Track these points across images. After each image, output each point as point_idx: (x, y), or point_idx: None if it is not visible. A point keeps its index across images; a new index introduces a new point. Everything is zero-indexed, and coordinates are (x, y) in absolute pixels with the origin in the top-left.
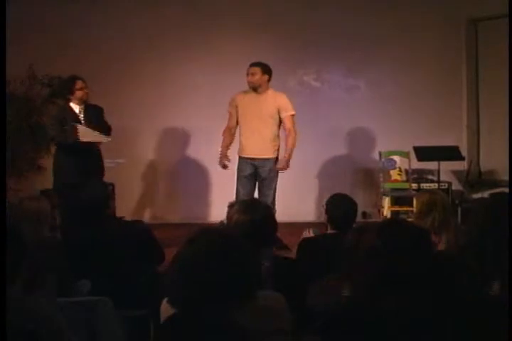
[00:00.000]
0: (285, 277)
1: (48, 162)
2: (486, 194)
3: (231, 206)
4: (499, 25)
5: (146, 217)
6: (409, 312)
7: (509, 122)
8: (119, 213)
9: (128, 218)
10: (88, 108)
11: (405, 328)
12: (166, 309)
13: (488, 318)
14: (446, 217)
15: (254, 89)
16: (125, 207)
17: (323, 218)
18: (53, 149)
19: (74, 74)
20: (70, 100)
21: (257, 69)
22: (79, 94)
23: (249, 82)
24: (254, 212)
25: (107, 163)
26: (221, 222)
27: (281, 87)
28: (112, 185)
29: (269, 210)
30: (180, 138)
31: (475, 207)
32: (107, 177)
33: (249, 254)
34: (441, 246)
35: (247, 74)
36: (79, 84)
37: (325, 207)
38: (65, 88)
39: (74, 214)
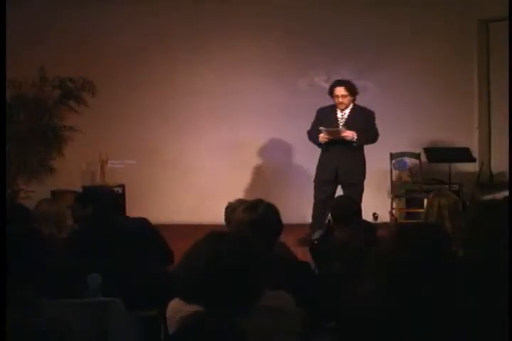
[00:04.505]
0: (296, 278)
1: (59, 163)
2: (497, 196)
3: (231, 206)
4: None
5: (155, 217)
6: (422, 313)
7: (509, 122)
8: (128, 213)
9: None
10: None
11: (418, 329)
12: (173, 309)
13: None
14: (442, 220)
15: None
16: (134, 208)
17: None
18: (65, 150)
19: (338, 80)
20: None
21: None
22: (336, 100)
23: None
24: (257, 212)
25: (117, 163)
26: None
27: (292, 89)
28: (123, 185)
29: (271, 210)
30: (191, 138)
31: (467, 215)
32: (117, 179)
33: (258, 255)
34: None
35: None
36: (337, 91)
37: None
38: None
39: (86, 215)
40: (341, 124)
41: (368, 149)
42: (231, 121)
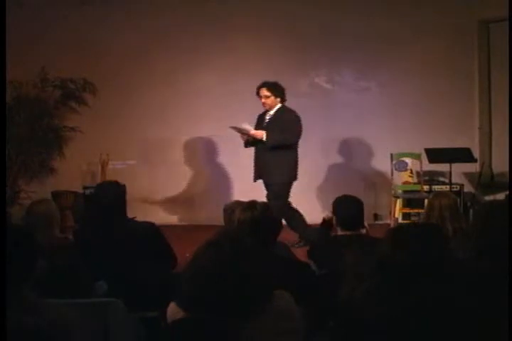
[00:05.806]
0: (296, 278)
1: (59, 163)
2: (498, 196)
3: (230, 208)
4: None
5: (156, 217)
6: (421, 313)
7: (509, 122)
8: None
9: (138, 219)
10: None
11: (417, 329)
12: (172, 311)
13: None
14: (444, 221)
15: None
16: (135, 208)
17: (334, 221)
18: (66, 150)
19: (263, 81)
20: None
21: None
22: (261, 101)
23: None
24: (257, 210)
25: (118, 164)
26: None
27: (292, 89)
28: (123, 186)
29: (269, 208)
30: (191, 138)
31: (474, 216)
32: (118, 179)
33: (260, 263)
34: None
35: None
36: (260, 91)
37: (332, 210)
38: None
39: (88, 215)
40: (264, 125)
41: (369, 150)
42: (232, 122)
